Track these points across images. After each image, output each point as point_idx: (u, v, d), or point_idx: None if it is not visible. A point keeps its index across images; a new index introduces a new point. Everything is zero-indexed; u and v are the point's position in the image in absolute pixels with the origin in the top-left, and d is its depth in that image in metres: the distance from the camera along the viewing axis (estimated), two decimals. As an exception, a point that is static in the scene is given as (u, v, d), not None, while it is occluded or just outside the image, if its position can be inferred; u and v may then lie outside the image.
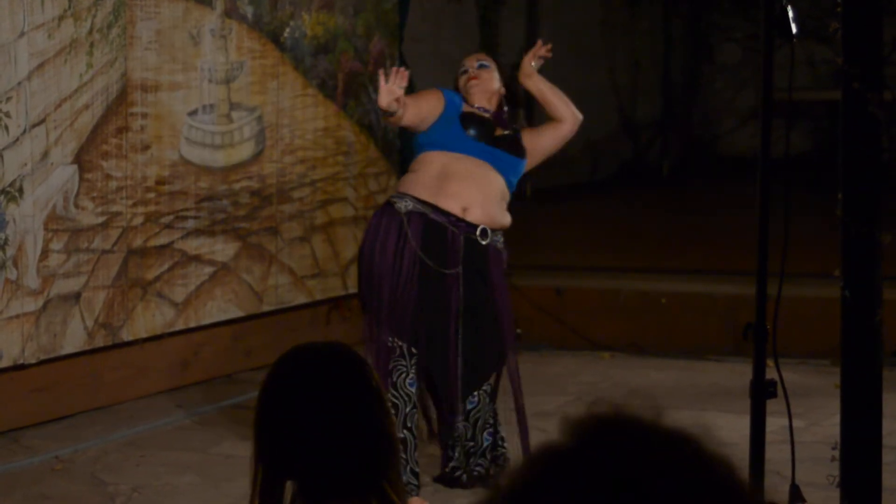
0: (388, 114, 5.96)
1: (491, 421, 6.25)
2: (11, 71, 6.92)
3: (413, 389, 6.09)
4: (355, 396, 2.82)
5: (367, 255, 6.12)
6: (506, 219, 6.27)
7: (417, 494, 6.08)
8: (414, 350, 6.07)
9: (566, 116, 6.48)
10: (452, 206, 6.09)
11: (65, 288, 7.23)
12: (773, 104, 4.61)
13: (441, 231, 6.09)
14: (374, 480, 2.81)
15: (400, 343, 6.06)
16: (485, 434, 6.23)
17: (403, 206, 6.09)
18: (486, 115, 6.30)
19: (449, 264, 6.08)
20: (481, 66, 6.41)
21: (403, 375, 6.07)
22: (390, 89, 5.86)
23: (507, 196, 6.31)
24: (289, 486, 2.86)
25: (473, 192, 6.13)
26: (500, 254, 6.26)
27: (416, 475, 6.07)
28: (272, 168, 8.38)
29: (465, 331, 6.11)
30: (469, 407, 6.21)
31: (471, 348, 6.13)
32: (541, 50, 6.56)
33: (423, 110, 6.15)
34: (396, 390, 6.06)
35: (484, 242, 6.15)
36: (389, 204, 6.18)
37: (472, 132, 6.18)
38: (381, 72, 5.99)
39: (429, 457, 6.31)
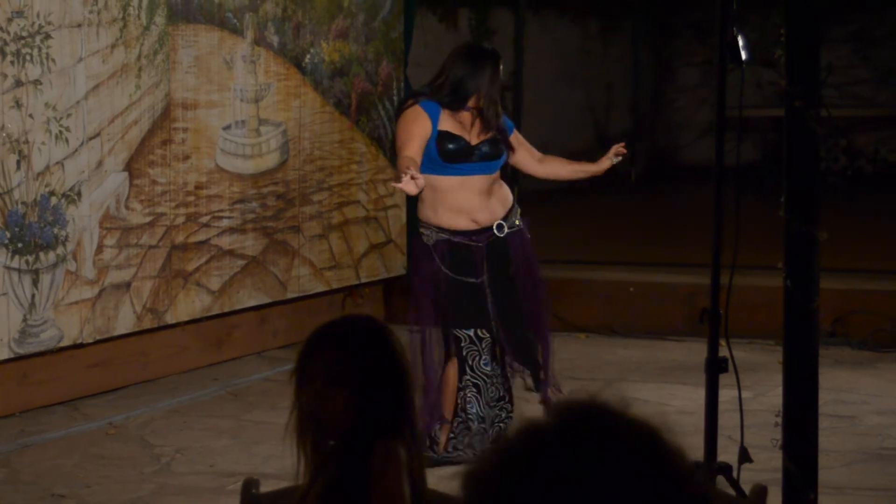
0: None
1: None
2: (71, 91, 6.92)
3: (488, 369, 5.99)
4: (378, 354, 2.84)
5: (421, 275, 5.99)
6: (509, 197, 6.09)
7: None
8: (482, 334, 5.95)
9: (547, 174, 6.28)
10: (460, 223, 5.93)
11: (117, 278, 7.24)
12: (726, 120, 4.62)
13: (463, 248, 5.97)
14: (391, 418, 2.84)
15: (467, 332, 5.96)
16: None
17: (428, 237, 5.97)
18: (460, 132, 5.91)
19: (476, 274, 5.96)
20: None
21: (477, 358, 5.99)
22: (410, 184, 5.45)
23: (499, 178, 6.08)
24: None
25: (473, 201, 5.95)
26: (521, 232, 6.09)
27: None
28: (295, 175, 8.38)
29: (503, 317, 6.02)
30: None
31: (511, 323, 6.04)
32: (619, 149, 6.20)
33: (422, 142, 5.85)
34: (475, 372, 5.98)
35: (502, 235, 6.01)
36: (419, 234, 6.04)
37: (449, 153, 5.89)
38: (406, 175, 5.43)
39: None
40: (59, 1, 6.83)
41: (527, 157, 6.22)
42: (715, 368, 4.57)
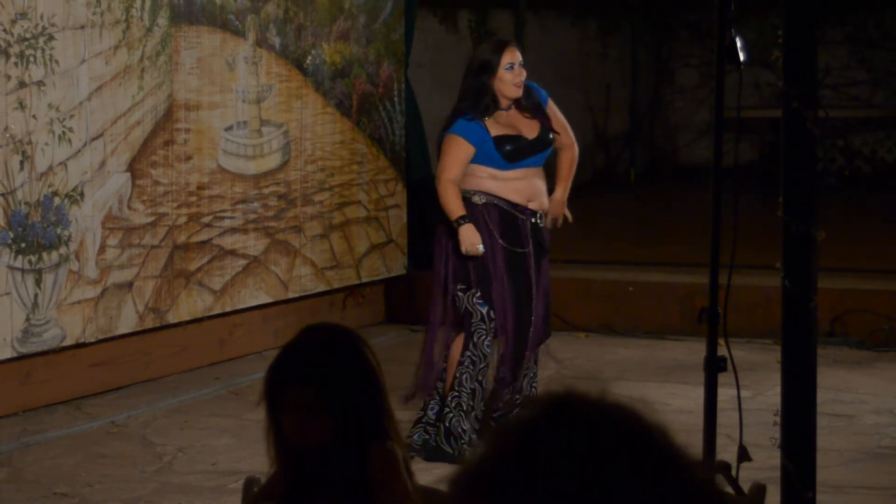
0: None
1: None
2: (74, 92, 6.92)
3: (488, 350, 6.05)
4: (351, 371, 2.79)
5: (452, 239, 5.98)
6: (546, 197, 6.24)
7: (475, 439, 6.04)
8: (493, 315, 6.01)
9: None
10: (517, 199, 6.03)
11: (119, 278, 7.24)
12: (724, 121, 4.61)
13: (512, 218, 6.05)
14: (375, 425, 2.79)
15: (481, 308, 6.00)
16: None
17: (479, 198, 6.01)
18: (514, 131, 6.03)
19: (523, 244, 6.05)
20: (522, 65, 6.09)
21: (483, 337, 6.03)
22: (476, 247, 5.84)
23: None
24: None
25: (535, 188, 6.09)
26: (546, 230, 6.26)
27: (478, 420, 6.09)
28: (296, 175, 8.38)
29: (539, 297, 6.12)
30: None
31: (543, 309, 6.16)
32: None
33: (465, 166, 5.97)
34: (476, 349, 6.02)
35: (542, 224, 6.16)
36: (465, 199, 6.01)
37: (508, 152, 6.00)
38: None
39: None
40: (63, 3, 6.83)
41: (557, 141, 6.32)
42: (714, 367, 4.56)
